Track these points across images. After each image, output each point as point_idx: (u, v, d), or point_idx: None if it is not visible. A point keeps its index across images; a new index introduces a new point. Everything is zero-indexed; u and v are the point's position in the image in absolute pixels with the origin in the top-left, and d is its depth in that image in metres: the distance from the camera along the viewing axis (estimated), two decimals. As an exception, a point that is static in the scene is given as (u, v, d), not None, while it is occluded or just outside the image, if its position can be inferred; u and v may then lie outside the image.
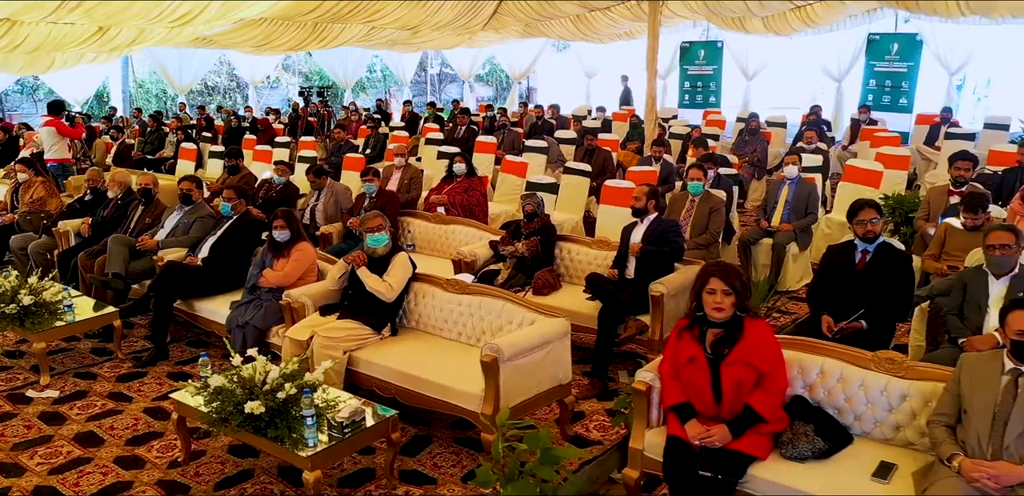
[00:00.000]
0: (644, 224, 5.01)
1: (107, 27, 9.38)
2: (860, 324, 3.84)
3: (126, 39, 10.18)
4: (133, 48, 11.16)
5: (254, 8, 9.91)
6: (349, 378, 4.25)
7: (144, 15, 8.70)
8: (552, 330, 3.89)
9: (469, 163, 7.23)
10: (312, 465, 3.25)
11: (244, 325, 4.67)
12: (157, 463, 3.91)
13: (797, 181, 6.44)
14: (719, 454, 2.87)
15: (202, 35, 11.81)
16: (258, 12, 10.31)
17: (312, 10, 11.39)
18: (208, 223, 5.74)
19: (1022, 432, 2.54)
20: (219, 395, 3.46)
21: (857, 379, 3.07)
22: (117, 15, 8.60)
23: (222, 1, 8.72)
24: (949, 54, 14.13)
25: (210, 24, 10.33)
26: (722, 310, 2.95)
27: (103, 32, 9.59)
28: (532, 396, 3.84)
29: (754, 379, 2.94)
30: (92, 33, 9.52)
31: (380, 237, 4.47)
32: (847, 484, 2.75)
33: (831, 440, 2.92)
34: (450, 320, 4.41)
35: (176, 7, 8.28)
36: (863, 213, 4.00)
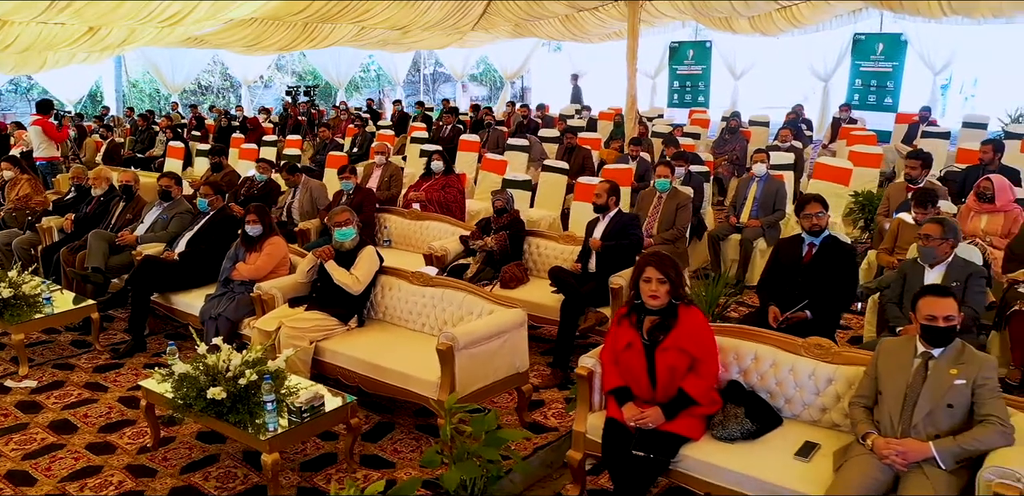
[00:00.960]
0: (605, 220, 5.15)
1: (97, 27, 9.49)
2: (804, 314, 3.99)
3: (116, 39, 10.29)
4: (124, 48, 11.28)
5: (243, 8, 10.01)
6: (316, 368, 4.39)
7: (134, 15, 8.80)
8: (508, 320, 4.02)
9: (447, 161, 7.37)
10: (270, 448, 3.39)
11: (217, 317, 4.81)
12: (127, 449, 4.05)
13: (765, 178, 6.58)
14: (653, 435, 3.01)
15: (193, 35, 11.93)
16: (248, 12, 10.41)
17: (301, 10, 11.49)
18: (186, 218, 5.88)
19: (930, 412, 2.67)
20: (184, 382, 3.61)
21: (788, 364, 3.21)
22: (106, 15, 8.70)
23: (211, 1, 8.82)
24: (933, 54, 14.26)
25: (200, 24, 10.45)
26: (657, 298, 3.09)
27: (93, 32, 9.71)
28: (489, 383, 3.98)
29: (687, 364, 3.07)
30: (83, 33, 9.63)
31: (347, 231, 4.61)
32: (771, 462, 2.89)
33: (760, 422, 3.06)
34: (414, 311, 4.55)
35: (165, 7, 8.38)
36: (809, 207, 4.15)
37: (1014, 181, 6.15)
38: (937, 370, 2.71)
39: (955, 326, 2.72)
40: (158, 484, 3.70)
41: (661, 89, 18.44)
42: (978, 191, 5.23)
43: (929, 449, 2.59)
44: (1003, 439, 2.55)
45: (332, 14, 12.20)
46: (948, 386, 2.67)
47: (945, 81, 18.81)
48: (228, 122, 13.05)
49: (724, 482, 2.92)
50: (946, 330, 2.71)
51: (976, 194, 5.24)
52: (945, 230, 3.88)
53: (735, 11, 13.69)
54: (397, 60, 20.36)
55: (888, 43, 15.01)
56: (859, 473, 2.64)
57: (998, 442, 2.54)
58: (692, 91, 17.86)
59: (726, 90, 17.38)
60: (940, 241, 3.88)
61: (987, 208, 5.19)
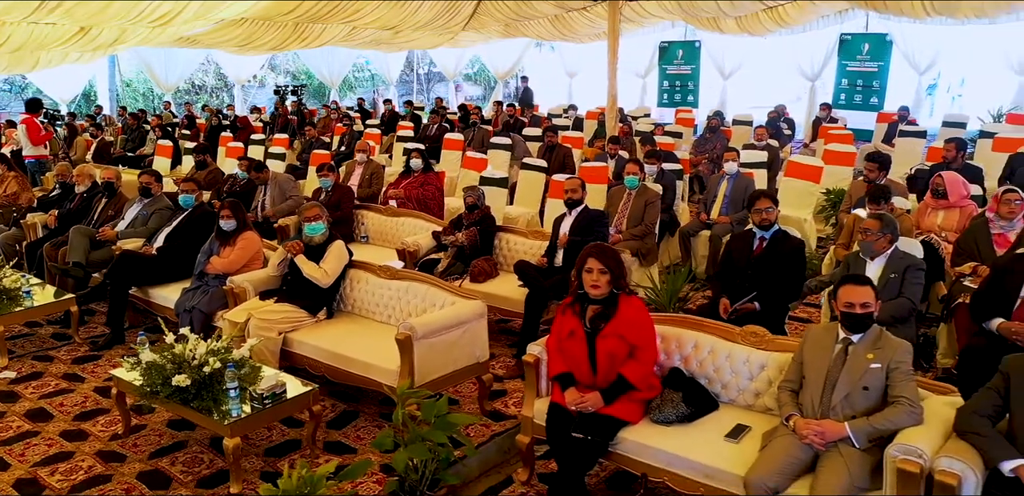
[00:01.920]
0: (572, 215, 5.29)
1: (88, 27, 9.61)
2: (753, 306, 4.13)
3: (108, 39, 10.40)
4: (116, 48, 11.40)
5: (233, 8, 10.12)
6: (286, 358, 4.53)
7: (123, 15, 8.92)
8: (468, 312, 4.16)
9: (425, 159, 7.51)
10: (232, 432, 3.53)
11: (191, 309, 4.95)
12: (100, 436, 4.19)
13: (736, 176, 6.71)
14: (592, 418, 3.14)
15: (184, 35, 12.05)
16: (237, 12, 10.52)
17: (291, 10, 11.60)
18: (165, 214, 6.02)
19: (847, 394, 2.81)
20: (151, 370, 3.74)
21: (725, 351, 3.35)
22: (97, 15, 8.81)
23: (201, 1, 8.93)
24: (917, 54, 14.39)
25: (190, 24, 10.56)
26: (598, 288, 3.23)
27: (85, 32, 9.82)
28: (448, 372, 4.12)
29: (626, 351, 3.21)
30: (74, 33, 9.75)
31: (316, 226, 4.75)
32: (702, 444, 3.03)
33: (696, 406, 3.20)
34: (381, 304, 4.70)
35: (156, 7, 8.49)
36: (759, 203, 4.29)
37: (976, 179, 6.31)
38: (855, 355, 2.85)
39: (872, 313, 2.86)
40: (126, 468, 3.84)
41: (651, 89, 18.57)
42: (932, 188, 5.37)
43: (845, 429, 2.73)
44: (912, 419, 2.68)
45: (322, 14, 12.32)
46: (864, 370, 2.81)
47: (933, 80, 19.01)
48: (219, 121, 13.19)
49: (658, 463, 3.06)
50: (863, 317, 2.85)
51: (931, 191, 5.38)
52: (883, 225, 4.03)
53: (721, 11, 13.83)
54: (390, 60, 20.52)
55: (874, 43, 15.15)
56: (780, 452, 2.78)
57: (907, 422, 2.68)
58: (682, 91, 18.00)
59: (715, 90, 17.52)
60: (879, 236, 4.02)
61: (942, 204, 5.33)
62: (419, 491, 3.30)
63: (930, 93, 19.16)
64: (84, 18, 8.82)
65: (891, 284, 3.89)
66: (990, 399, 2.58)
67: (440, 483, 3.37)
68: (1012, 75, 13.73)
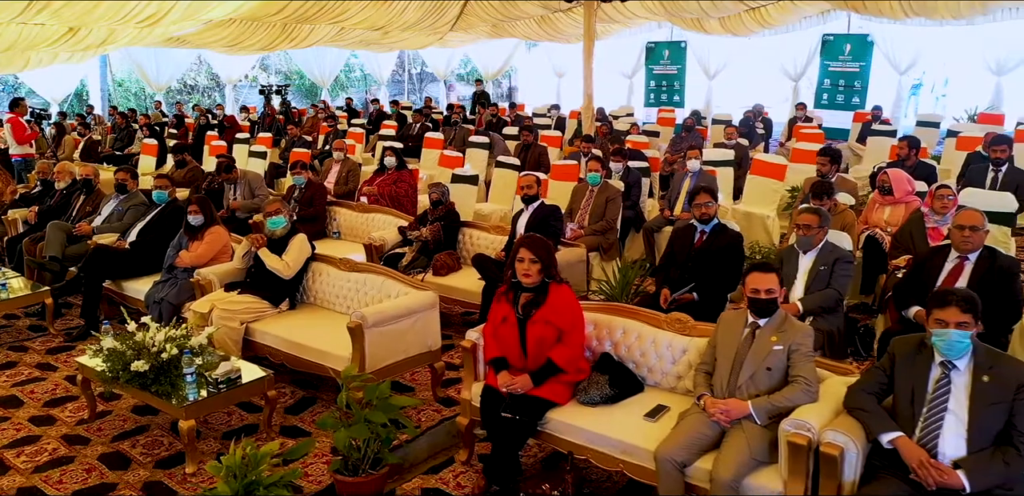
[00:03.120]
0: (529, 210, 5.48)
1: (77, 28, 9.77)
2: (691, 296, 4.31)
3: (97, 39, 10.56)
4: (105, 48, 11.57)
5: (220, 9, 10.26)
6: (249, 347, 4.71)
7: (111, 16, 9.07)
8: (419, 302, 4.34)
9: (399, 157, 7.69)
10: (187, 415, 3.71)
11: (160, 301, 5.14)
12: (67, 421, 4.37)
13: (698, 173, 6.89)
14: (522, 400, 3.33)
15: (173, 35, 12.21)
16: (224, 13, 10.66)
17: (279, 11, 11.75)
18: (140, 210, 6.20)
19: (752, 375, 2.99)
20: (112, 356, 3.93)
21: (651, 337, 3.53)
22: (84, 16, 8.96)
23: (187, 2, 9.08)
24: (898, 54, 14.56)
25: (178, 25, 10.73)
26: (529, 276, 3.41)
27: (74, 32, 9.98)
28: (400, 360, 4.30)
29: (555, 336, 3.39)
30: (63, 33, 9.91)
31: (278, 220, 4.93)
32: (623, 423, 3.21)
33: (620, 388, 3.38)
34: (341, 295, 4.88)
35: (143, 8, 8.63)
36: (699, 198, 4.47)
37: (929, 176, 6.50)
38: (761, 338, 3.03)
39: (775, 298, 3.04)
40: (89, 451, 4.02)
41: (638, 88, 18.75)
42: (878, 185, 5.55)
43: (748, 407, 2.91)
44: (807, 397, 2.87)
45: (309, 15, 12.47)
46: (768, 352, 2.99)
47: (917, 81, 19.23)
48: (207, 120, 13.37)
49: (582, 441, 3.24)
50: (767, 302, 3.03)
51: (877, 188, 5.57)
52: (821, 220, 4.21)
53: (703, 11, 14.00)
54: (381, 60, 20.69)
55: (855, 44, 15.33)
56: (689, 429, 2.96)
57: (803, 399, 2.86)
58: (668, 90, 18.19)
59: (702, 89, 17.70)
60: (817, 230, 4.20)
61: (888, 200, 5.51)
62: (362, 469, 3.49)
63: (914, 93, 19.40)
64: (72, 19, 8.97)
65: (820, 276, 4.07)
66: (877, 378, 2.76)
67: (382, 462, 3.55)
68: (991, 76, 13.90)
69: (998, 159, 6.19)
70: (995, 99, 13.63)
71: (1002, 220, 5.10)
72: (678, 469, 2.88)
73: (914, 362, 2.69)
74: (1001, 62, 13.45)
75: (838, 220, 5.10)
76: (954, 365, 2.62)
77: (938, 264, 3.84)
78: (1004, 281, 3.65)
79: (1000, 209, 5.10)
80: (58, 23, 9.19)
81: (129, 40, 11.20)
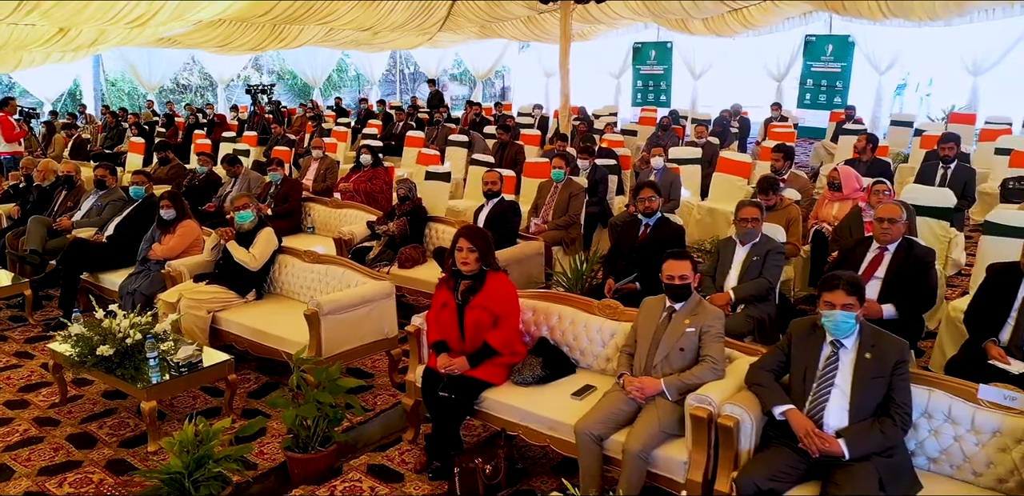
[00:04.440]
0: (489, 205, 5.69)
1: (67, 28, 9.97)
2: (634, 286, 4.53)
3: (87, 39, 10.75)
4: (96, 48, 11.75)
5: (208, 10, 10.43)
6: (216, 335, 4.92)
7: (100, 16, 9.25)
8: (375, 291, 4.56)
9: (375, 154, 7.90)
10: (148, 396, 3.92)
11: (133, 292, 5.35)
12: (40, 405, 4.58)
13: (662, 171, 7.11)
14: (459, 380, 3.54)
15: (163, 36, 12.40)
16: (213, 14, 10.83)
17: (267, 12, 11.94)
18: (118, 205, 6.41)
19: (667, 355, 3.21)
20: (79, 341, 4.14)
21: (583, 322, 3.74)
22: (74, 16, 9.13)
23: (176, 2, 9.27)
24: (878, 55, 14.77)
25: (168, 25, 10.91)
26: (467, 264, 3.62)
27: (64, 33, 10.16)
28: (357, 346, 4.51)
29: (491, 321, 3.60)
30: (53, 34, 10.09)
31: (246, 214, 5.15)
32: (551, 401, 3.42)
33: (551, 369, 3.60)
34: (305, 286, 5.09)
35: (132, 8, 8.82)
36: (643, 192, 4.69)
37: (884, 172, 6.71)
38: (675, 321, 3.25)
39: (688, 284, 3.25)
40: (58, 431, 4.23)
41: (626, 88, 18.97)
42: (828, 181, 5.76)
43: (660, 384, 3.12)
44: (714, 374, 3.08)
45: (297, 16, 12.66)
46: (682, 334, 3.20)
47: (902, 81, 19.44)
48: (196, 119, 13.59)
49: (514, 418, 3.46)
50: (681, 287, 3.24)
51: (828, 184, 5.78)
52: (762, 213, 4.42)
53: (686, 12, 14.21)
54: (373, 60, 20.92)
55: (837, 44, 15.54)
56: (607, 405, 3.18)
57: (710, 377, 3.08)
58: (655, 90, 18.40)
59: (688, 89, 17.92)
60: (759, 223, 4.41)
61: (837, 196, 5.72)
62: (311, 447, 3.70)
63: (899, 93, 19.62)
64: (62, 19, 9.14)
65: (753, 266, 4.28)
66: (775, 356, 2.98)
67: (331, 440, 3.76)
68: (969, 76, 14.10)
69: (946, 157, 6.40)
70: (972, 99, 13.83)
71: (940, 215, 5.31)
72: (596, 442, 3.10)
73: (808, 342, 2.90)
74: (977, 62, 13.66)
75: (783, 214, 5.31)
76: (842, 344, 2.83)
77: (861, 254, 4.05)
78: (919, 270, 3.86)
79: (939, 205, 5.31)
80: (48, 23, 9.37)
81: (119, 40, 11.38)
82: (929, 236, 5.31)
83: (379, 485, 3.61)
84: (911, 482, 2.69)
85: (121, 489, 3.64)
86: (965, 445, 2.74)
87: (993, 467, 2.69)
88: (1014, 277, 3.51)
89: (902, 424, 2.69)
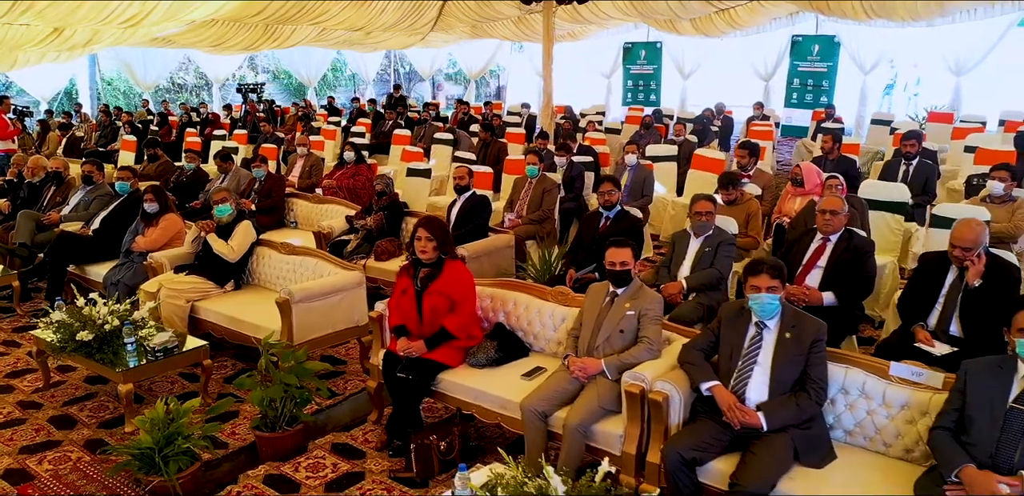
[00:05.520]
0: (461, 200, 5.89)
1: (62, 28, 10.15)
2: (593, 275, 4.72)
3: (82, 39, 10.93)
4: (91, 48, 11.94)
5: (200, 10, 10.61)
6: (195, 324, 5.12)
7: (93, 16, 9.43)
8: (345, 280, 4.75)
9: (358, 152, 8.10)
10: (124, 379, 4.12)
11: (117, 283, 5.55)
12: (24, 389, 4.78)
13: (635, 167, 7.31)
14: (417, 362, 3.73)
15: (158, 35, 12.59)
16: (205, 14, 11.01)
17: (259, 12, 12.12)
18: (105, 200, 6.61)
19: (608, 337, 3.40)
20: (60, 328, 4.34)
21: (536, 308, 3.94)
22: (68, 16, 9.31)
23: (168, 2, 9.45)
24: (863, 55, 14.96)
25: (161, 25, 11.10)
26: (425, 252, 3.81)
27: (59, 33, 10.35)
28: (327, 333, 4.71)
29: (448, 306, 3.80)
30: (48, 33, 10.27)
31: (224, 208, 5.34)
32: (503, 381, 3.61)
33: (505, 352, 3.79)
34: (281, 276, 5.29)
35: (125, 8, 9.01)
36: (603, 186, 4.89)
37: (849, 169, 6.89)
38: (617, 304, 3.44)
39: (629, 270, 3.44)
40: (40, 414, 4.43)
41: (617, 88, 19.16)
42: (791, 177, 5.96)
43: (601, 364, 3.32)
44: (650, 354, 3.28)
45: (289, 16, 12.84)
46: (622, 316, 3.40)
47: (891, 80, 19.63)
48: (188, 118, 13.78)
49: (469, 398, 3.65)
50: (621, 273, 3.44)
51: (791, 179, 5.97)
52: (715, 207, 4.62)
53: (673, 12, 14.40)
54: (367, 60, 21.13)
55: (823, 44, 15.74)
56: (553, 383, 3.38)
57: (646, 357, 3.27)
58: (645, 90, 18.61)
59: (677, 89, 18.12)
60: (713, 217, 4.61)
61: (800, 191, 5.91)
62: (278, 426, 3.90)
63: (888, 93, 19.82)
64: (56, 19, 9.32)
65: (706, 257, 4.47)
66: (706, 337, 3.17)
67: (298, 420, 3.96)
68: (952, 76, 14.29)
69: (908, 153, 6.59)
70: (955, 98, 14.02)
71: (896, 209, 5.50)
72: (540, 418, 3.29)
73: (735, 323, 3.10)
74: (960, 63, 13.85)
75: (744, 209, 5.51)
76: (766, 325, 3.03)
77: (806, 245, 4.24)
78: (858, 259, 4.06)
79: (894, 199, 5.51)
80: (43, 23, 9.55)
81: (113, 40, 11.57)
82: (885, 229, 5.51)
83: (341, 461, 3.81)
84: (826, 452, 2.89)
85: (97, 466, 3.83)
86: (877, 418, 2.94)
87: (901, 438, 2.89)
88: (943, 266, 3.70)
89: (817, 398, 2.89)
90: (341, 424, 4.28)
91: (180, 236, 5.83)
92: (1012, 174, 5.18)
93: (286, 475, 3.71)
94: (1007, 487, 2.34)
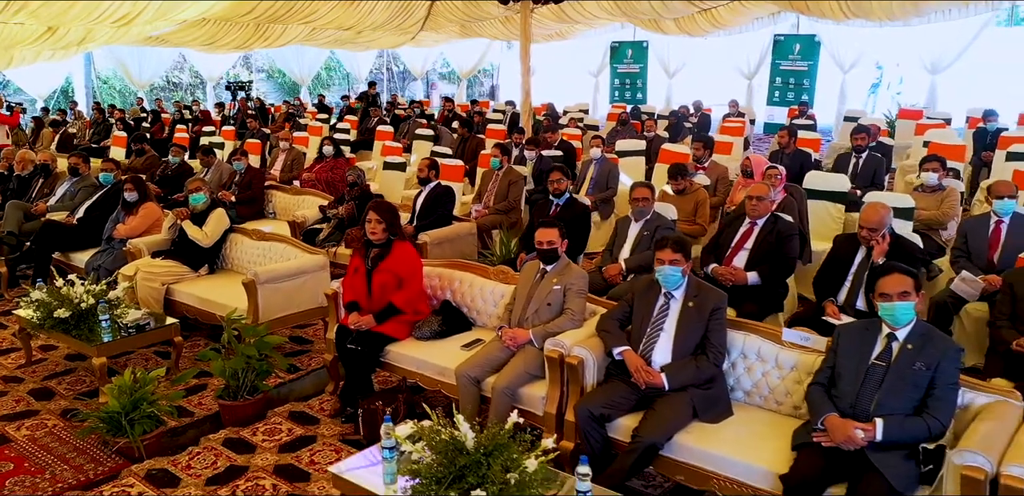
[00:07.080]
0: (426, 190, 6.19)
1: (56, 27, 10.44)
2: (542, 258, 5.01)
3: (75, 38, 11.22)
4: (85, 46, 12.24)
5: (191, 10, 10.89)
6: (171, 306, 5.42)
7: (86, 16, 9.71)
8: (308, 263, 5.06)
9: (336, 146, 8.40)
10: (98, 353, 4.42)
11: (98, 268, 5.85)
12: (7, 366, 5.08)
13: (601, 161, 7.60)
14: (366, 335, 4.03)
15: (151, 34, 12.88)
16: (196, 13, 11.28)
17: (249, 11, 12.39)
18: (90, 191, 6.91)
19: (537, 309, 3.69)
20: (39, 306, 4.64)
21: (480, 286, 4.24)
22: (61, 16, 9.59)
23: (160, 1, 9.72)
24: (842, 54, 15.23)
25: (153, 25, 11.39)
26: (375, 234, 4.11)
27: (52, 31, 10.64)
28: (292, 313, 5.01)
29: (395, 283, 4.10)
30: (42, 32, 10.56)
31: (199, 196, 5.65)
32: (444, 352, 3.91)
33: (448, 326, 4.09)
34: (252, 261, 5.58)
35: (117, 8, 9.28)
36: (552, 175, 5.19)
37: (804, 162, 7.19)
38: (546, 280, 3.74)
39: (556, 248, 3.74)
40: (22, 387, 4.73)
41: (604, 86, 19.46)
42: (742, 168, 6.25)
43: (529, 334, 3.62)
44: (572, 324, 3.58)
45: (279, 15, 13.12)
46: (549, 291, 3.69)
47: (876, 79, 19.93)
48: (181, 115, 14.10)
49: (413, 367, 3.95)
50: (549, 251, 3.74)
51: (741, 171, 6.27)
52: (652, 193, 4.92)
53: (656, 12, 14.68)
54: (360, 59, 21.44)
55: (804, 44, 16.04)
56: (486, 352, 3.69)
57: (569, 327, 3.57)
58: (631, 89, 18.92)
59: (663, 87, 18.42)
60: (651, 202, 4.91)
61: (749, 182, 6.18)
62: (240, 395, 4.20)
63: (873, 92, 20.12)
64: (49, 18, 9.60)
65: (644, 240, 4.77)
66: (622, 308, 3.47)
67: (259, 390, 4.26)
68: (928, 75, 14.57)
69: (858, 147, 6.89)
70: (930, 97, 14.31)
71: (837, 198, 5.80)
72: (473, 383, 3.59)
73: (647, 295, 3.40)
74: (936, 62, 14.14)
75: (692, 198, 5.81)
76: (673, 295, 3.32)
77: (735, 228, 4.54)
78: (780, 242, 4.35)
79: (834, 189, 5.81)
80: (36, 22, 9.83)
81: (107, 39, 11.86)
82: (826, 217, 5.81)
83: (297, 427, 4.11)
84: (723, 410, 3.18)
85: (69, 430, 4.13)
86: (770, 379, 3.23)
87: (790, 396, 3.18)
88: (853, 246, 4.00)
89: (715, 360, 3.19)
90: (303, 396, 4.58)
91: (159, 224, 6.13)
92: (942, 164, 5.47)
93: (244, 438, 4.00)
94: (862, 432, 2.64)
